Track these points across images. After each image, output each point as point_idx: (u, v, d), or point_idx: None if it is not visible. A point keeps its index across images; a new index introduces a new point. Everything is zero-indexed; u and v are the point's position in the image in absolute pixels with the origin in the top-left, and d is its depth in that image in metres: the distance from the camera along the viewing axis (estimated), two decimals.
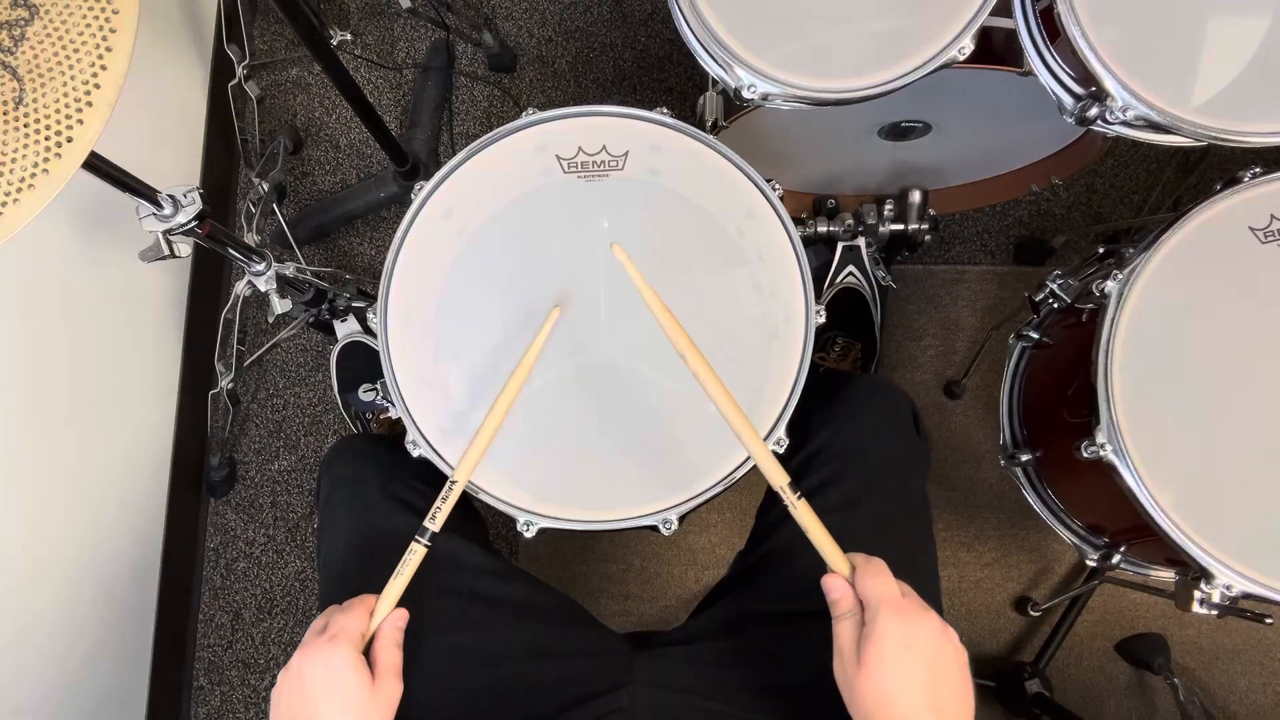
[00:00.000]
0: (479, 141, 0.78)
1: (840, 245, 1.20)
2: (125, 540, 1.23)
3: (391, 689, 0.58)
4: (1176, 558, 0.74)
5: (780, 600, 0.74)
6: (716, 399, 0.62)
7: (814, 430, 0.79)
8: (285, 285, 1.05)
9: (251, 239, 1.31)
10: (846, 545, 0.74)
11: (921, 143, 1.07)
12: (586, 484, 0.74)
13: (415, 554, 0.62)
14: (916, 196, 1.15)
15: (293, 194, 1.46)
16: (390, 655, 0.59)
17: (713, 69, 0.82)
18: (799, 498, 0.59)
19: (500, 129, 0.79)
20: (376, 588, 0.62)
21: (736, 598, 0.78)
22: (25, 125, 0.59)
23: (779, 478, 0.60)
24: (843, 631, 0.56)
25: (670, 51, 1.47)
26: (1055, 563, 1.32)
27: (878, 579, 0.55)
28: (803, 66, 0.79)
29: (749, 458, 0.72)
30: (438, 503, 0.64)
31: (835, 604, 0.57)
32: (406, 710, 0.59)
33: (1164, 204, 1.37)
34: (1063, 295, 0.91)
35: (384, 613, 0.61)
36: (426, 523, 0.63)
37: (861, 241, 1.20)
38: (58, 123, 0.59)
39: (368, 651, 0.59)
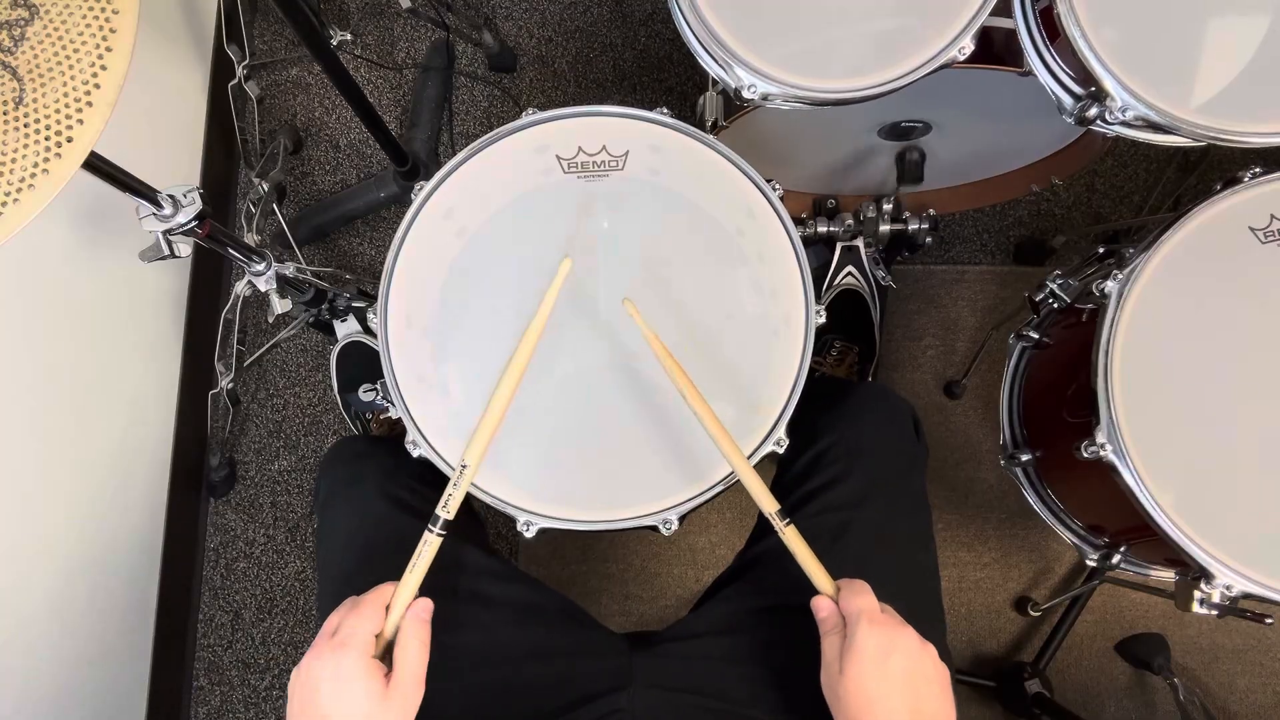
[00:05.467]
0: (479, 141, 0.78)
1: (840, 245, 1.20)
2: (125, 540, 1.23)
3: (409, 696, 0.55)
4: (1176, 558, 0.74)
5: (779, 595, 0.75)
6: (710, 428, 0.65)
7: (820, 432, 0.80)
8: (285, 285, 1.05)
9: (251, 239, 1.31)
10: (851, 542, 0.74)
11: (921, 143, 1.07)
12: (586, 484, 0.74)
13: (430, 544, 0.60)
14: (915, 155, 1.11)
15: (293, 194, 1.46)
16: (413, 657, 0.56)
17: (713, 69, 0.82)
18: (787, 524, 0.63)
19: (500, 129, 0.79)
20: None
21: (736, 592, 0.79)
22: (25, 125, 0.59)
23: (768, 505, 0.64)
24: (829, 646, 0.59)
25: (670, 51, 1.47)
26: (1055, 563, 1.32)
27: (859, 597, 0.59)
28: (803, 66, 0.79)
29: (749, 457, 0.72)
30: (449, 489, 0.63)
31: (822, 622, 0.61)
32: None
33: (1164, 204, 1.37)
34: (1063, 295, 0.91)
35: (401, 607, 0.58)
36: (439, 510, 0.61)
37: (861, 242, 1.20)
38: (58, 123, 0.59)
39: (389, 650, 0.57)
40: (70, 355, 1.11)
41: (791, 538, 0.63)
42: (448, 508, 0.62)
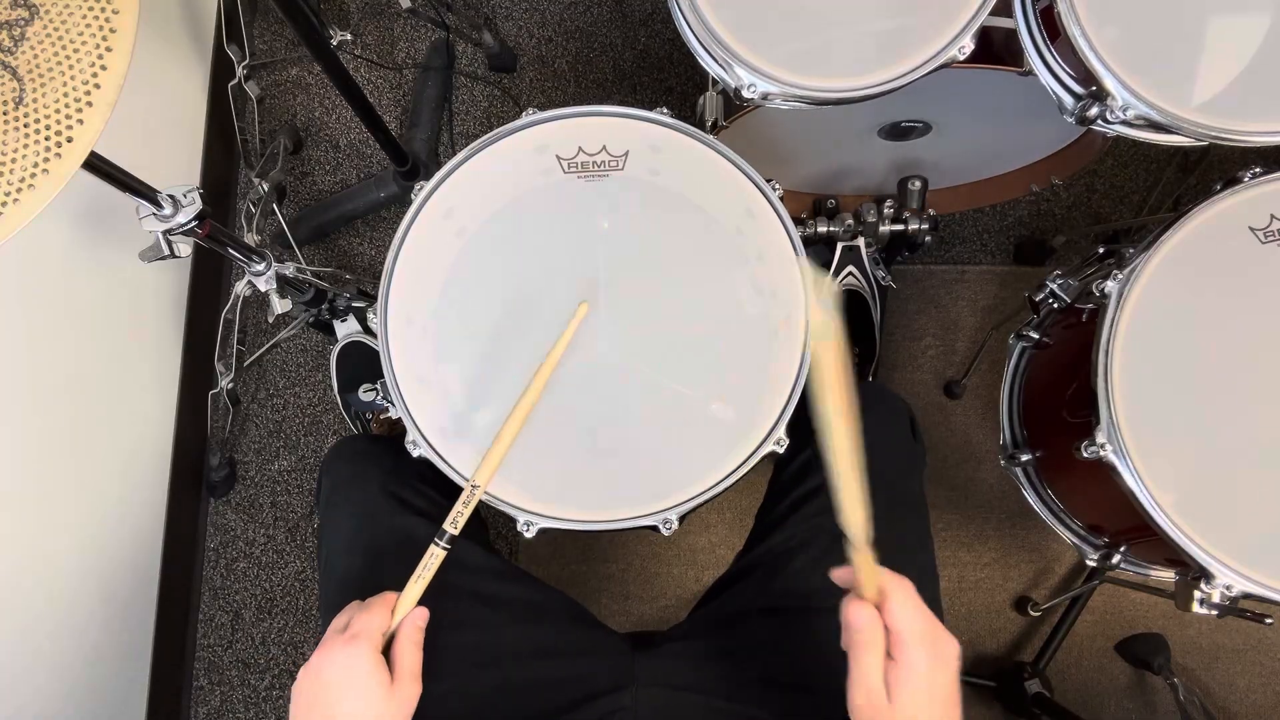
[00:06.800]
0: (479, 141, 0.78)
1: (840, 245, 1.20)
2: (125, 540, 1.23)
3: (410, 691, 0.58)
4: (1177, 558, 0.74)
5: (779, 596, 0.75)
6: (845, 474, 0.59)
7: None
8: (285, 285, 1.05)
9: (251, 239, 1.31)
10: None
11: (921, 143, 1.07)
12: (586, 484, 0.74)
13: (435, 557, 0.62)
14: (916, 184, 1.14)
15: (293, 194, 1.46)
16: (410, 656, 0.59)
17: (713, 69, 0.82)
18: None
19: (500, 129, 0.79)
20: (378, 588, 0.62)
21: (736, 594, 0.79)
22: (25, 125, 0.59)
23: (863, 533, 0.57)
24: (870, 665, 0.52)
25: (670, 51, 1.47)
26: (1055, 563, 1.32)
27: (909, 610, 0.53)
28: (803, 66, 0.79)
29: (749, 457, 0.72)
30: (458, 506, 0.64)
31: (859, 631, 0.53)
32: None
33: (1164, 204, 1.37)
34: (1063, 295, 0.91)
35: (404, 613, 0.61)
36: (446, 526, 0.63)
37: (861, 242, 1.20)
38: (58, 123, 0.59)
39: (389, 650, 0.59)
40: (70, 355, 1.11)
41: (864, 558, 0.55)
42: (456, 524, 0.63)
